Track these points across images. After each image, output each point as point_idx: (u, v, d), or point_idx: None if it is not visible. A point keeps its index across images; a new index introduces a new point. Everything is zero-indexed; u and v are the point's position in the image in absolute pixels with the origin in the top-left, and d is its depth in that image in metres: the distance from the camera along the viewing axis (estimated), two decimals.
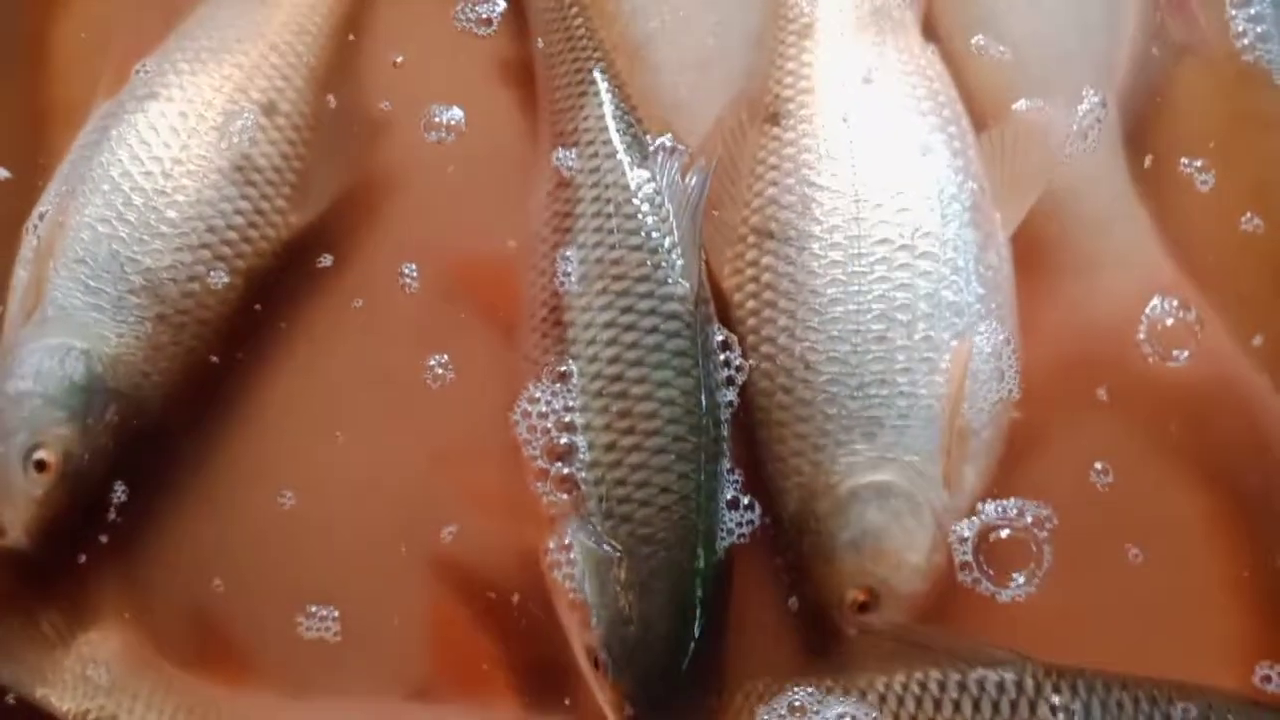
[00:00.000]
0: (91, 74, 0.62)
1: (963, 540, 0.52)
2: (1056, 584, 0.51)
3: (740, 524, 0.52)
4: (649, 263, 0.53)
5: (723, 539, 0.52)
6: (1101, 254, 0.58)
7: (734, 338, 0.55)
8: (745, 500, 0.51)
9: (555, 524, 0.51)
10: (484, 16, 0.61)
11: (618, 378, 0.52)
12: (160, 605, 0.57)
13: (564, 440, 0.51)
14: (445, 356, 0.56)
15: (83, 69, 0.64)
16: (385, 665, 0.56)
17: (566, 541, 0.51)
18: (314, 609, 0.53)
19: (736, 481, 0.52)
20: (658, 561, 0.50)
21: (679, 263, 0.53)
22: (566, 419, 0.51)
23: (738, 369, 0.54)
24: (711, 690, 0.51)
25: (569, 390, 0.52)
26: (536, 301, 0.56)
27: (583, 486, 0.51)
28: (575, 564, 0.51)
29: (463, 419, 0.55)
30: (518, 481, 0.52)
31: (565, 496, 0.51)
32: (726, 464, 0.52)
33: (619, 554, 0.50)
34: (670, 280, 0.53)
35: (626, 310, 0.53)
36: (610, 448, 0.51)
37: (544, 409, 0.52)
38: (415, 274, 0.58)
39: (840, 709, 0.48)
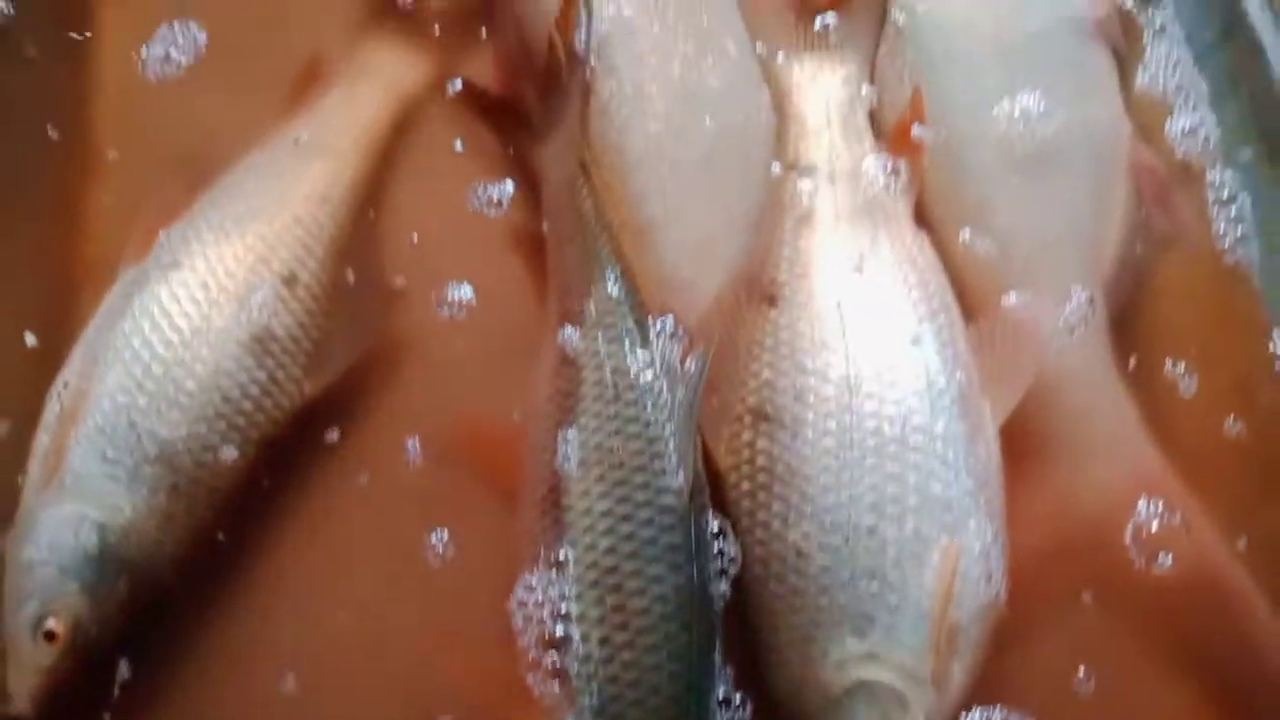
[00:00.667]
0: (121, 238, 0.65)
1: None
2: None
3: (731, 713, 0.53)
4: (646, 453, 0.55)
5: None
6: (1088, 445, 0.60)
7: (728, 524, 0.56)
8: (736, 699, 0.52)
9: (549, 717, 0.52)
10: (495, 199, 0.64)
11: (613, 570, 0.53)
12: None
13: (559, 631, 0.52)
14: (445, 533, 0.58)
15: (112, 233, 0.66)
16: None
17: None
18: None
19: (728, 678, 0.52)
20: None
21: (675, 454, 0.55)
22: (562, 609, 0.53)
23: (731, 560, 0.55)
24: None
25: (565, 579, 0.53)
26: (537, 477, 0.57)
27: (575, 681, 0.51)
28: None
29: (463, 599, 0.56)
30: (514, 668, 0.53)
31: (558, 689, 0.52)
32: (718, 660, 0.53)
33: None
34: (667, 472, 0.55)
35: (623, 500, 0.54)
36: (604, 643, 0.52)
37: (540, 597, 0.53)
38: (419, 449, 0.60)
39: None
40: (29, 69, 0.68)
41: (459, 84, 0.68)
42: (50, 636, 0.56)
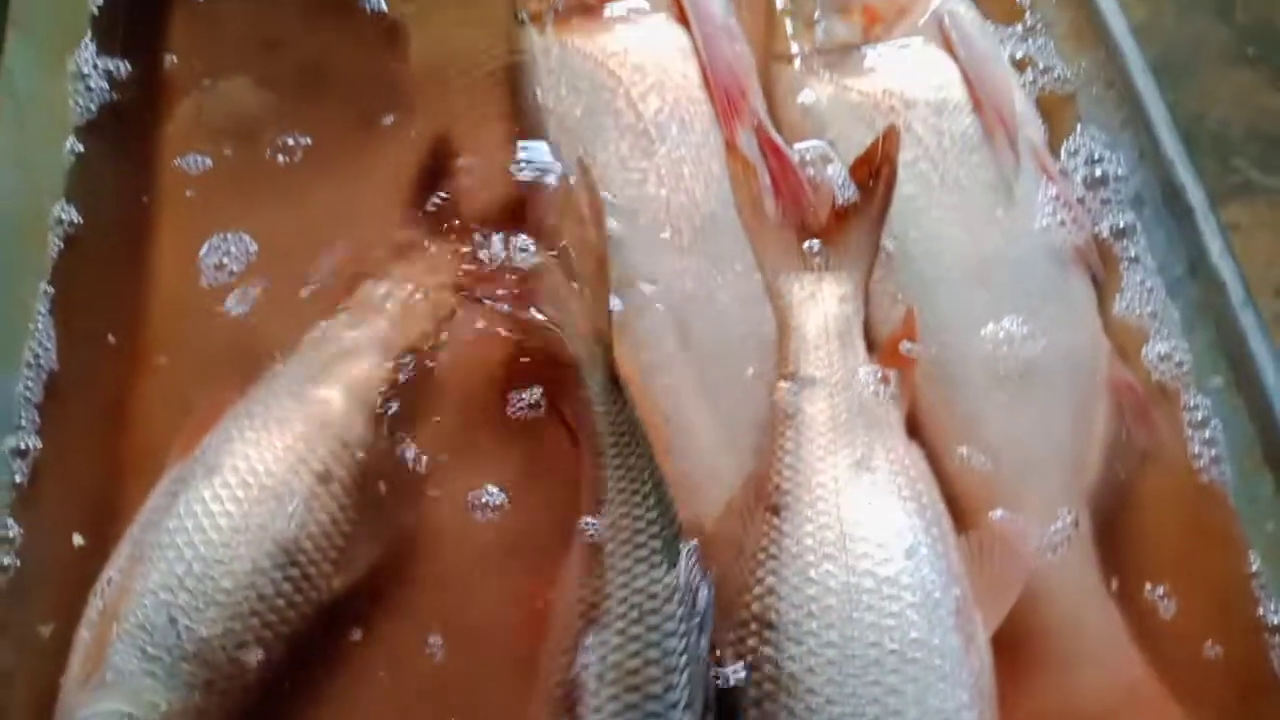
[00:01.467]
0: (167, 437, 0.69)
1: None
2: None
3: None
4: (661, 681, 0.58)
5: None
6: (1076, 653, 0.63)
7: None
8: None
9: None
10: (534, 401, 0.68)
11: None
12: None
13: None
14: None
15: (160, 432, 0.71)
16: None
17: None
18: None
19: None
20: None
21: (688, 684, 0.58)
22: None
23: None
24: None
25: None
26: (554, 679, 0.60)
27: None
28: None
29: None
30: None
31: None
32: None
33: None
34: (681, 702, 0.57)
35: (634, 709, 0.57)
36: None
37: None
38: (440, 644, 0.63)
39: None
40: (93, 274, 0.74)
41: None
42: None
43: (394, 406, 0.70)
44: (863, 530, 0.63)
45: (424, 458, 0.68)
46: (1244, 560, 0.61)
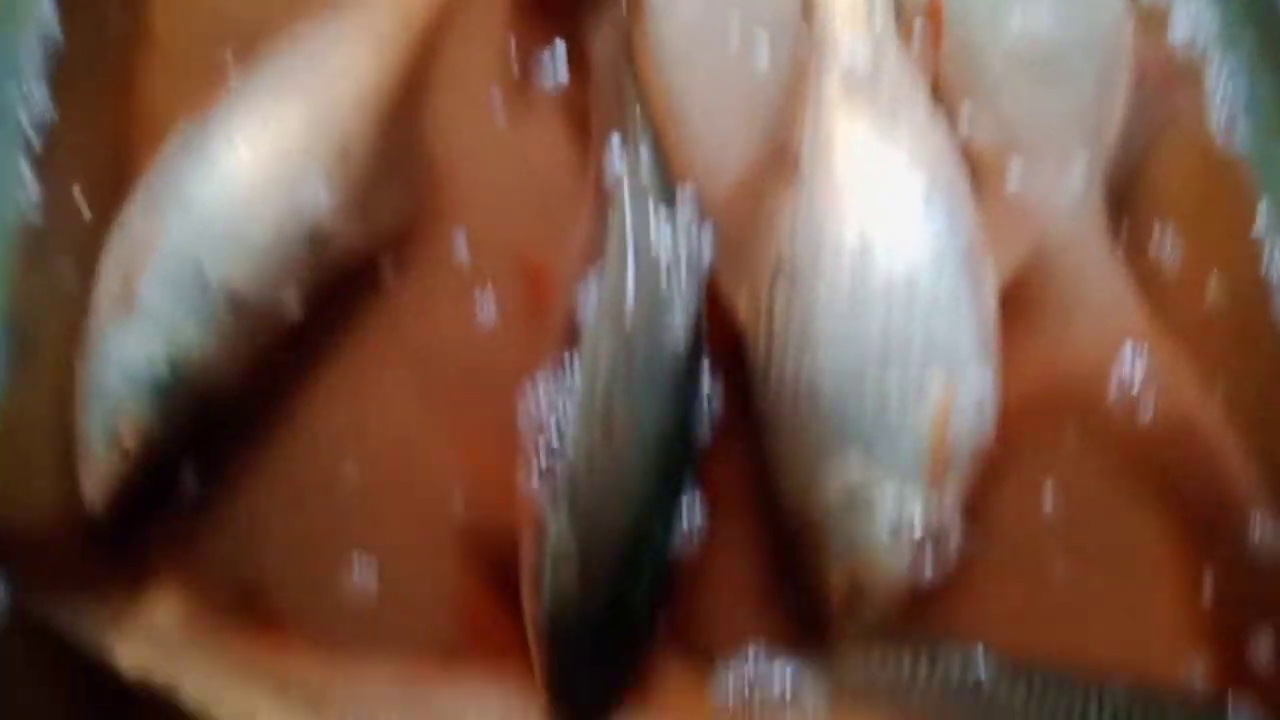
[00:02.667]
0: (172, 101, 0.70)
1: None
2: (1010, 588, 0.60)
3: (695, 536, 0.59)
4: (655, 302, 0.61)
5: (675, 552, 0.59)
6: (1078, 304, 0.65)
7: (718, 387, 0.62)
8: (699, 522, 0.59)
9: (534, 511, 0.59)
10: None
11: (608, 404, 0.59)
12: (217, 577, 0.64)
13: (554, 437, 0.59)
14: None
15: (165, 97, 0.71)
16: (416, 633, 0.62)
17: (538, 527, 0.58)
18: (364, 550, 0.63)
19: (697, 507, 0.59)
20: (605, 563, 0.57)
21: (684, 307, 0.61)
22: (559, 422, 0.59)
23: (718, 407, 0.62)
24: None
25: (568, 392, 0.60)
26: (562, 315, 0.63)
27: (558, 484, 0.58)
28: (540, 550, 0.58)
29: (494, 400, 0.62)
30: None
31: (545, 488, 0.58)
32: (690, 489, 0.59)
33: (574, 551, 0.57)
34: (673, 322, 0.61)
35: (629, 343, 0.60)
36: (588, 458, 0.58)
37: (545, 403, 0.60)
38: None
39: (788, 669, 0.57)
40: None
41: None
42: (123, 447, 0.62)
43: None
44: (880, 187, 0.64)
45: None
46: (1252, 203, 0.62)
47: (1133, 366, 0.63)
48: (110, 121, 0.72)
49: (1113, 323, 0.64)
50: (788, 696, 0.56)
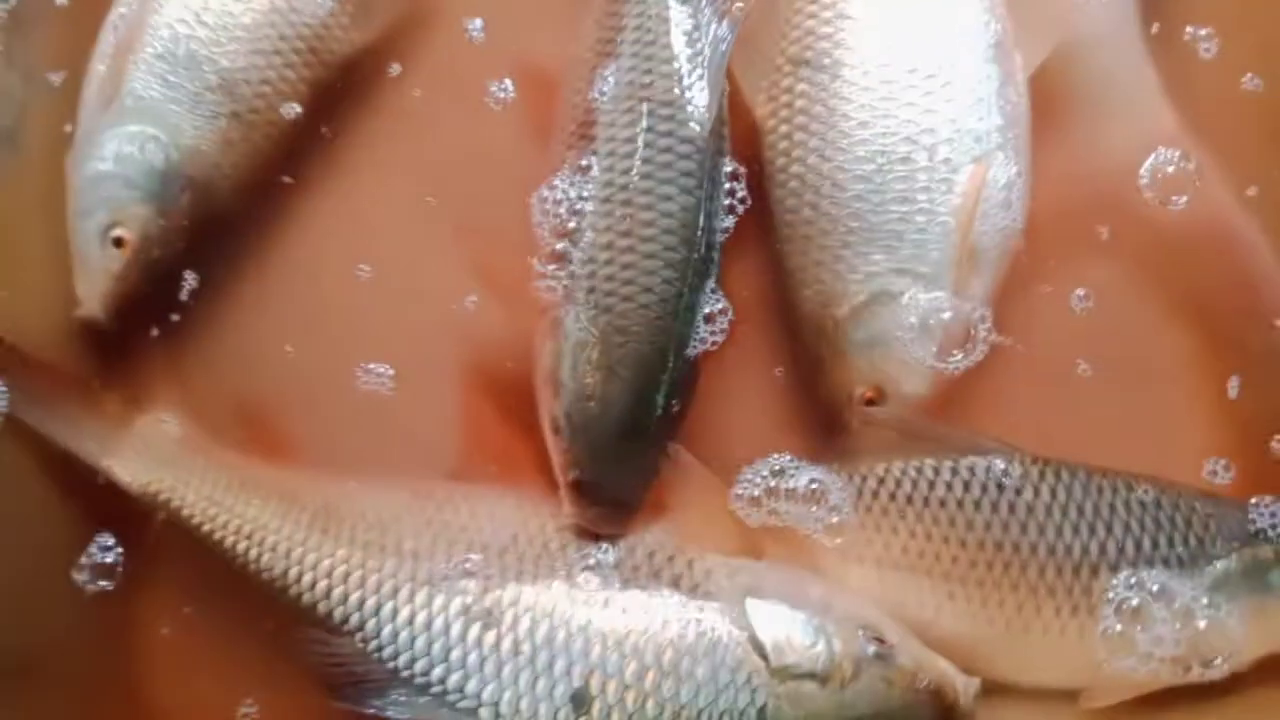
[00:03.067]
0: None
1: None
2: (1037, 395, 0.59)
3: (714, 333, 0.57)
4: (675, 90, 0.58)
5: (694, 347, 0.57)
6: (1110, 104, 0.63)
7: (743, 170, 0.59)
8: (721, 311, 0.57)
9: (548, 306, 0.57)
10: None
11: (626, 187, 0.57)
12: (217, 396, 0.63)
13: (571, 224, 0.56)
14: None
15: None
16: (423, 448, 0.61)
17: (553, 320, 0.57)
18: (371, 366, 0.60)
19: (719, 299, 0.57)
20: (627, 351, 0.56)
21: (703, 95, 0.58)
22: (577, 207, 0.56)
23: (741, 200, 0.59)
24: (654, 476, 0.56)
25: (585, 183, 0.57)
26: (571, 115, 0.60)
27: (576, 275, 0.56)
28: (557, 341, 0.56)
29: (494, 202, 0.61)
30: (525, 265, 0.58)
31: (561, 280, 0.56)
32: (712, 283, 0.57)
33: (594, 339, 0.55)
34: (691, 109, 0.57)
35: (648, 130, 0.57)
36: (607, 246, 0.56)
37: (559, 196, 0.57)
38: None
39: (811, 475, 0.55)
40: None
41: None
42: (119, 243, 0.59)
43: None
44: None
45: None
46: None
47: (1164, 169, 0.61)
48: None
49: (1144, 124, 0.62)
50: (812, 497, 0.55)
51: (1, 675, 0.54)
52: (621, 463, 0.55)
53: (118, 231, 0.59)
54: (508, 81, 0.63)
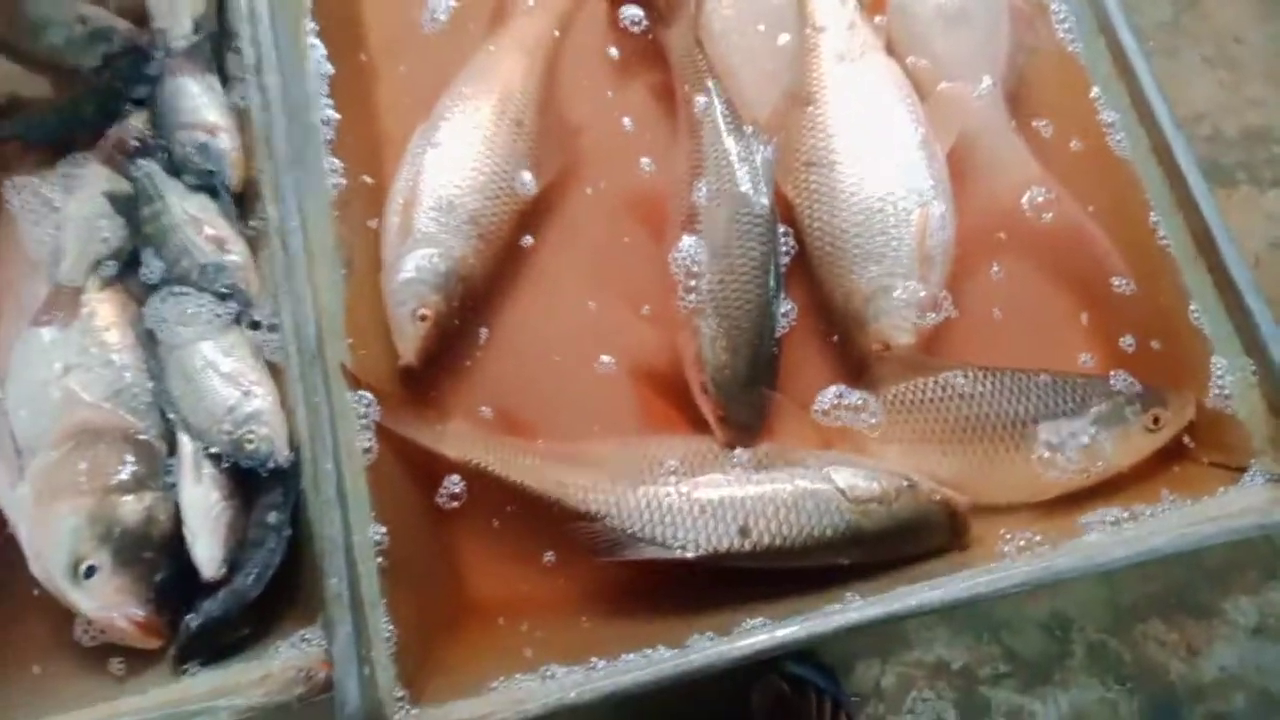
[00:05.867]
0: (407, 114, 1.08)
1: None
2: (976, 337, 0.98)
3: (787, 319, 0.97)
4: (746, 186, 0.98)
5: (779, 332, 0.96)
6: (997, 163, 1.04)
7: (790, 230, 1.00)
8: (790, 309, 0.97)
9: (689, 320, 0.96)
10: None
11: (725, 245, 0.96)
12: (488, 398, 1.01)
13: (695, 268, 0.96)
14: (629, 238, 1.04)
15: (401, 112, 1.10)
16: (621, 420, 1.00)
17: (696, 330, 0.96)
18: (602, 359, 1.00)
19: (788, 302, 0.98)
20: (741, 338, 0.94)
21: (764, 190, 0.98)
22: (697, 259, 0.96)
23: (792, 248, 1.00)
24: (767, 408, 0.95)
25: (699, 248, 0.97)
26: (680, 211, 1.01)
27: (702, 298, 0.95)
28: (698, 339, 0.95)
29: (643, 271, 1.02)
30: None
31: (694, 302, 0.96)
32: (783, 294, 0.97)
33: (722, 334, 0.94)
34: (758, 198, 0.98)
35: (734, 212, 0.97)
36: (720, 282, 0.96)
37: (684, 255, 0.97)
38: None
39: (857, 395, 0.94)
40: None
41: None
42: (424, 319, 0.99)
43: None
44: (863, 99, 1.03)
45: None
46: (1089, 92, 1.01)
47: (1035, 198, 1.02)
48: (371, 122, 1.10)
49: (1020, 173, 1.03)
50: (859, 408, 0.95)
51: (385, 568, 0.91)
52: (746, 404, 0.95)
53: (422, 311, 0.98)
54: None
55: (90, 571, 0.83)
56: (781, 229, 1.00)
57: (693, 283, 0.97)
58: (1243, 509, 0.85)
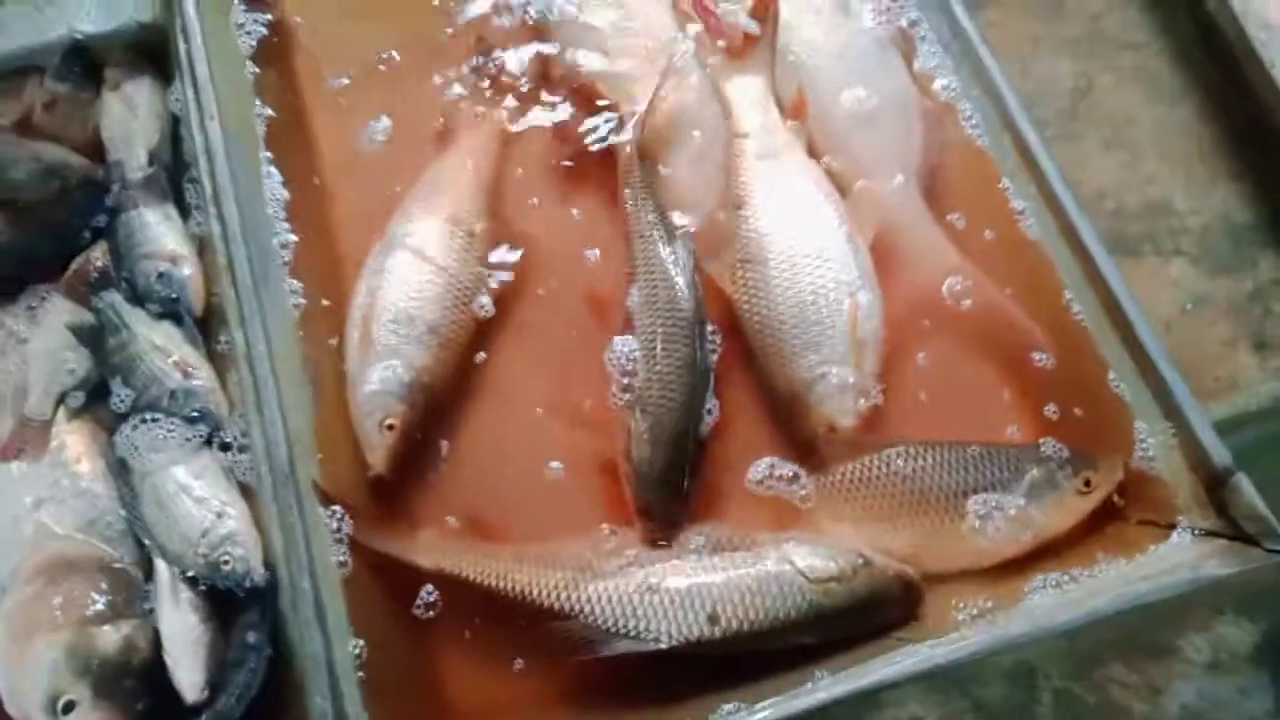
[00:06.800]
0: (361, 231, 1.13)
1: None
2: (912, 416, 1.06)
3: (710, 418, 1.03)
4: (674, 291, 1.06)
5: (703, 431, 1.02)
6: (918, 254, 1.12)
7: (715, 327, 1.07)
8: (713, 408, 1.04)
9: (622, 415, 1.02)
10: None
11: (651, 348, 1.03)
12: (453, 505, 1.05)
13: (629, 368, 1.03)
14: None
15: (355, 229, 1.15)
16: (580, 511, 1.04)
17: (628, 426, 1.01)
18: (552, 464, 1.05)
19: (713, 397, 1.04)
20: (666, 437, 1.00)
21: (689, 292, 1.06)
22: (631, 358, 1.03)
23: (715, 347, 1.06)
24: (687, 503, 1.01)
25: (634, 348, 1.04)
26: (621, 309, 1.08)
27: (635, 400, 1.02)
28: (630, 436, 1.01)
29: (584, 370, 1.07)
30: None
31: (627, 400, 1.02)
32: (710, 392, 1.04)
33: (647, 430, 1.00)
34: (684, 302, 1.05)
35: (663, 316, 1.05)
36: (649, 383, 1.02)
37: (619, 354, 1.04)
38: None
39: (789, 468, 1.00)
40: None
41: None
42: (390, 429, 1.02)
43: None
44: (790, 200, 1.11)
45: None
46: (998, 183, 1.11)
47: (954, 285, 1.10)
48: (328, 242, 1.14)
49: (939, 261, 1.12)
50: (790, 479, 1.01)
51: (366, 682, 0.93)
52: (665, 499, 1.00)
53: (389, 421, 1.01)
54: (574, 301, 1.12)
55: (69, 707, 0.84)
56: (711, 327, 1.07)
57: (626, 380, 1.03)
58: (1174, 565, 0.92)
